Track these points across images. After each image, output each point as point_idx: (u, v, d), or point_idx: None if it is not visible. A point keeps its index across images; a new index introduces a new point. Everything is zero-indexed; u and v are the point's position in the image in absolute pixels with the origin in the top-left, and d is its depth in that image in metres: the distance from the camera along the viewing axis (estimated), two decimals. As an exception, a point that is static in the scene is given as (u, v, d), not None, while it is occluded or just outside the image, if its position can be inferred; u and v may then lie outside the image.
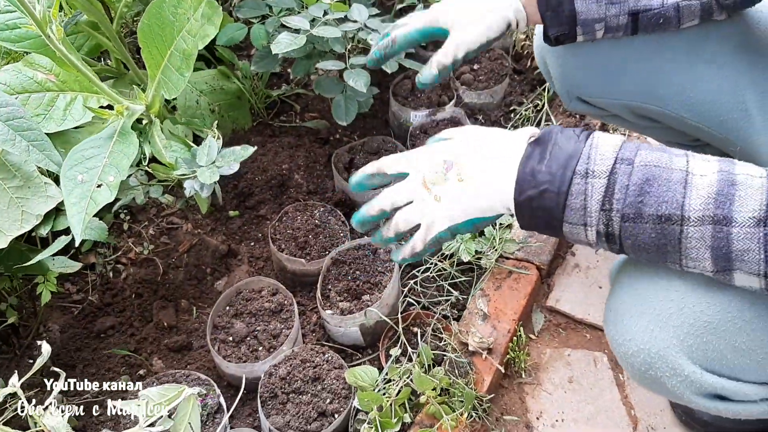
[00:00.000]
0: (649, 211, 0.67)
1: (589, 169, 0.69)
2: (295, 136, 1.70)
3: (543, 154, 0.72)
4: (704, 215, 0.65)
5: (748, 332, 0.71)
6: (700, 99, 0.99)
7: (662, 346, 0.73)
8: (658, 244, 0.68)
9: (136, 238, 1.52)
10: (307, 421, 1.14)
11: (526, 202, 0.72)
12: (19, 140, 1.03)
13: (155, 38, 1.22)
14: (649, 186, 0.67)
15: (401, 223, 0.81)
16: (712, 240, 0.65)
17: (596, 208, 0.68)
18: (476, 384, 1.20)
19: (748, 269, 0.65)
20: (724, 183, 0.65)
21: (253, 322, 1.29)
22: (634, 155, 0.69)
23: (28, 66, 1.21)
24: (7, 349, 1.32)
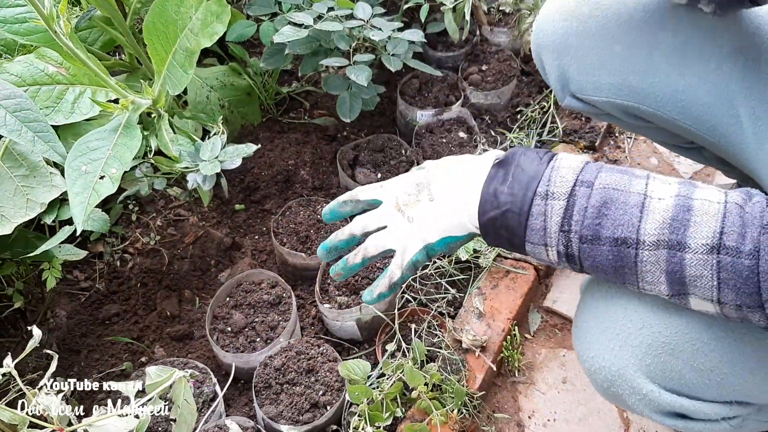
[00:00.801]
0: (606, 234, 0.67)
1: (549, 190, 0.70)
2: (303, 132, 1.72)
3: (506, 176, 0.74)
4: (659, 240, 0.65)
5: (706, 353, 0.72)
6: (693, 103, 0.99)
7: (622, 365, 0.74)
8: (615, 266, 0.68)
9: (144, 229, 1.56)
10: (299, 411, 1.16)
11: (490, 222, 0.73)
12: (25, 131, 1.06)
13: (160, 35, 1.25)
14: (607, 209, 0.68)
15: (371, 247, 0.81)
16: (667, 264, 0.65)
17: (555, 230, 0.70)
18: (468, 381, 1.21)
19: (702, 295, 0.65)
20: (679, 208, 0.65)
21: (252, 314, 1.31)
22: (594, 178, 0.70)
23: (40, 58, 1.24)
24: (14, 333, 1.36)
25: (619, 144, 1.68)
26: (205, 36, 1.41)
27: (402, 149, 1.60)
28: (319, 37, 1.44)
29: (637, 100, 1.05)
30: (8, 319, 1.36)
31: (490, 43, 1.83)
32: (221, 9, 1.44)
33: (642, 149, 1.67)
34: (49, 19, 1.04)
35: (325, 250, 0.86)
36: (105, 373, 1.32)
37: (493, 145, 1.64)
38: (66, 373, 1.31)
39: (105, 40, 1.55)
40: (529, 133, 1.64)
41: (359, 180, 1.53)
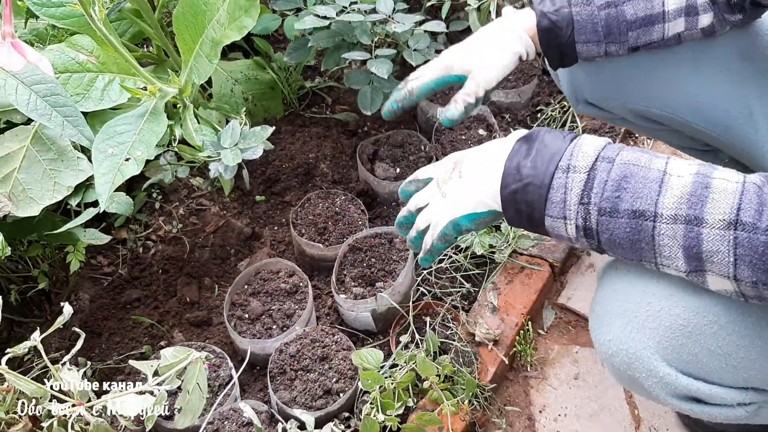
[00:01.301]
0: (624, 206, 0.68)
1: (570, 164, 0.71)
2: (325, 127, 1.74)
3: (529, 150, 0.75)
4: (677, 214, 0.66)
5: (723, 337, 0.72)
6: (706, 105, 1.00)
7: (639, 348, 0.75)
8: (632, 240, 0.69)
9: (167, 217, 1.59)
10: (312, 397, 1.19)
11: (511, 195, 0.75)
12: (55, 116, 1.10)
13: (189, 26, 1.28)
14: (627, 182, 0.69)
15: (420, 222, 0.87)
16: (684, 239, 0.66)
17: (575, 201, 0.71)
18: (480, 374, 1.23)
19: (719, 271, 0.66)
20: (698, 185, 0.66)
21: (269, 302, 1.34)
22: (615, 155, 0.71)
23: (71, 47, 1.28)
24: (39, 314, 1.40)
25: (639, 145, 1.68)
26: (233, 29, 1.44)
27: (421, 145, 1.61)
28: (341, 31, 1.46)
29: (650, 104, 1.05)
30: (33, 300, 1.40)
31: (513, 43, 1.84)
32: (250, 4, 1.48)
33: (662, 151, 1.66)
34: (85, 3, 1.07)
35: (397, 226, 0.93)
36: (125, 356, 1.35)
37: (512, 143, 1.64)
38: (88, 355, 1.35)
39: (134, 31, 1.58)
40: (548, 132, 1.64)
41: (378, 174, 1.55)
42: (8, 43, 0.84)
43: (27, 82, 1.09)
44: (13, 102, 1.08)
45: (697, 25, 0.93)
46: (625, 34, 0.94)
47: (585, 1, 0.93)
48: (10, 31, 0.85)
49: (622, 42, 0.95)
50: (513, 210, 0.76)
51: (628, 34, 0.94)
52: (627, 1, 0.93)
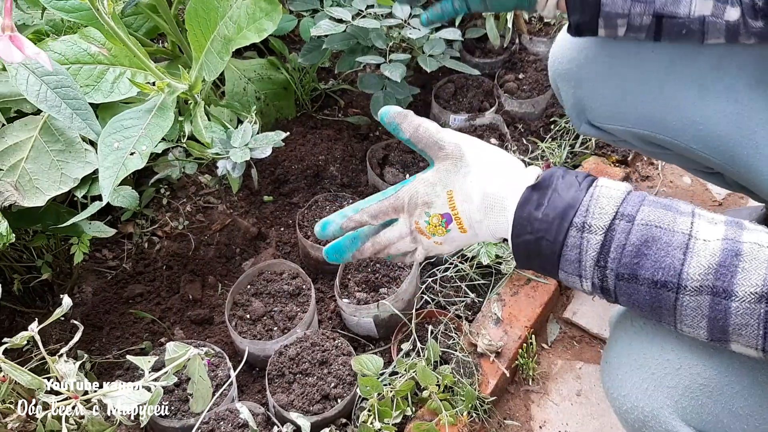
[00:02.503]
0: (645, 275, 0.64)
1: (586, 222, 0.66)
2: (336, 129, 1.74)
3: (541, 200, 0.68)
4: (702, 285, 0.62)
5: (746, 397, 0.69)
6: (711, 132, 0.98)
7: (656, 406, 0.71)
8: (652, 306, 0.65)
9: (174, 214, 1.59)
10: (310, 402, 1.17)
11: (522, 245, 0.70)
12: (64, 107, 1.09)
13: (200, 22, 1.28)
14: (647, 248, 0.64)
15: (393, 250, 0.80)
16: (710, 311, 0.62)
17: (591, 264, 0.66)
18: (480, 385, 1.21)
19: (745, 343, 0.62)
20: (727, 253, 0.61)
21: (271, 303, 1.33)
22: (635, 211, 0.66)
23: (83, 38, 1.28)
24: (41, 305, 1.40)
25: (653, 161, 1.66)
26: (252, 31, 1.44)
27: (432, 152, 1.60)
28: (356, 34, 1.46)
29: (654, 129, 1.03)
30: (35, 291, 1.40)
31: (529, 52, 1.83)
32: (272, 7, 1.48)
33: (676, 167, 1.64)
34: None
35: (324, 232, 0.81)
36: (125, 351, 1.34)
37: (524, 153, 1.63)
38: (87, 348, 1.34)
39: (149, 26, 1.58)
40: (561, 144, 1.63)
41: (387, 179, 1.54)
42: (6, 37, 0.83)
43: (38, 73, 1.09)
44: (24, 92, 1.07)
45: (724, 15, 0.89)
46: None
47: None
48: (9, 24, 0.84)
49: (649, 2, 0.90)
50: (524, 258, 0.71)
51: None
52: None
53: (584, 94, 1.09)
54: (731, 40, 0.92)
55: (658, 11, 0.91)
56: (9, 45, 0.81)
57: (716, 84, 0.97)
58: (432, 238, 0.77)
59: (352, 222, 0.79)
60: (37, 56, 0.83)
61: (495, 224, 0.72)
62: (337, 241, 0.81)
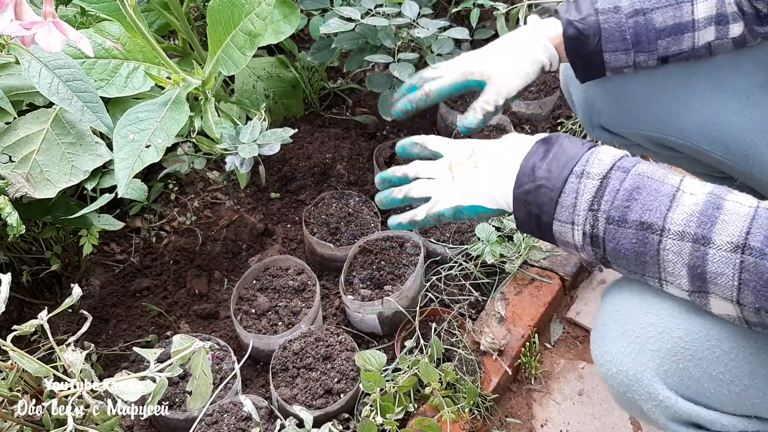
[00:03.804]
0: (633, 217, 0.68)
1: (585, 170, 0.71)
2: (344, 128, 1.75)
3: (546, 153, 0.74)
4: (685, 231, 0.65)
5: (726, 363, 0.71)
6: (724, 133, 0.98)
7: (639, 369, 0.73)
8: (637, 252, 0.68)
9: (182, 209, 1.60)
10: (313, 396, 1.18)
11: (523, 196, 0.74)
12: (75, 100, 1.11)
13: (223, 17, 1.29)
14: (638, 194, 0.68)
15: (415, 190, 0.85)
16: (690, 257, 0.65)
17: (585, 207, 0.70)
18: (483, 383, 1.22)
19: (722, 294, 0.65)
20: (709, 205, 0.65)
21: (276, 298, 1.34)
22: (631, 166, 0.71)
23: (99, 33, 1.29)
24: (50, 296, 1.42)
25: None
26: (270, 33, 1.46)
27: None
28: (365, 34, 1.47)
29: (666, 131, 1.04)
30: (44, 282, 1.41)
31: (537, 54, 1.83)
32: (291, 11, 1.51)
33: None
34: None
35: (380, 179, 0.91)
36: (131, 343, 1.35)
37: (530, 154, 1.64)
38: (95, 340, 1.36)
39: (161, 23, 1.60)
40: (567, 146, 1.64)
41: (394, 178, 1.55)
42: (49, 23, 0.85)
43: (50, 66, 1.10)
44: (36, 85, 1.09)
45: (728, 34, 0.92)
46: (654, 43, 0.93)
47: (612, 8, 0.92)
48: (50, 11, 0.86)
49: (651, 51, 0.93)
50: (523, 211, 0.75)
51: (657, 43, 0.93)
52: (656, 9, 0.91)
53: (596, 99, 1.10)
54: (739, 46, 0.93)
55: (662, 55, 0.94)
56: (49, 32, 0.83)
57: (728, 83, 0.98)
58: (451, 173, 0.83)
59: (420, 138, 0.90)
60: (79, 41, 0.84)
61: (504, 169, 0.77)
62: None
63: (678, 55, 0.94)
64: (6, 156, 1.14)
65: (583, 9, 0.94)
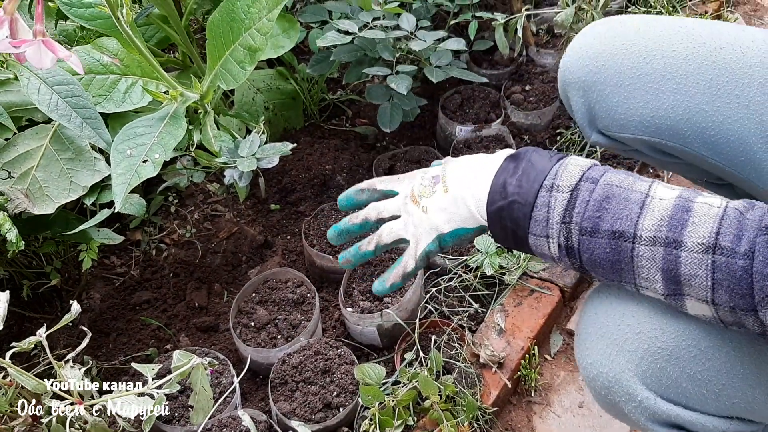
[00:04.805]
0: (605, 227, 0.69)
1: (555, 183, 0.72)
2: (343, 139, 1.75)
3: (516, 169, 0.75)
4: (656, 236, 0.66)
5: (704, 362, 0.71)
6: (722, 140, 0.98)
7: (618, 371, 0.74)
8: (612, 260, 0.69)
9: (181, 221, 1.60)
10: (312, 410, 1.18)
11: (496, 212, 0.75)
12: (74, 117, 1.11)
13: (223, 32, 1.30)
14: (608, 203, 0.69)
15: (385, 234, 0.84)
16: (663, 262, 0.66)
17: (558, 221, 0.71)
18: (482, 396, 1.21)
19: (697, 295, 0.65)
20: (679, 208, 0.66)
21: (276, 311, 1.34)
22: (599, 176, 0.72)
23: (97, 49, 1.30)
24: (50, 310, 1.42)
25: (659, 172, 1.66)
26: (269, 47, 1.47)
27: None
28: (364, 46, 1.47)
29: (665, 136, 1.04)
30: (44, 297, 1.42)
31: (536, 64, 1.84)
32: (290, 25, 1.52)
33: (681, 179, 1.64)
34: (114, 5, 1.09)
35: (336, 232, 0.88)
36: (131, 357, 1.36)
37: (529, 164, 1.64)
38: (95, 354, 1.36)
39: (160, 37, 1.61)
40: (567, 156, 1.64)
41: (393, 189, 1.55)
42: (39, 41, 0.86)
43: (49, 82, 1.11)
44: (35, 101, 1.10)
45: None
46: None
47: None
48: (41, 29, 0.87)
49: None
50: (498, 227, 0.76)
51: None
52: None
53: (595, 103, 1.10)
54: None
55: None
56: (40, 50, 0.84)
57: (726, 88, 0.98)
58: (420, 203, 0.81)
59: (363, 183, 0.87)
60: (68, 59, 0.85)
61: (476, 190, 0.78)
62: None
63: None
64: (5, 172, 1.15)
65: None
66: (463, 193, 0.79)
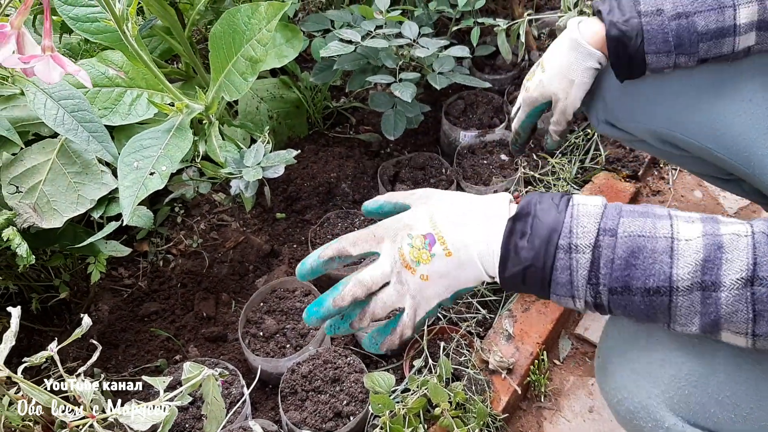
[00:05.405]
0: (636, 285, 0.66)
1: (572, 243, 0.67)
2: (348, 147, 1.76)
3: (524, 228, 0.70)
4: (693, 283, 0.64)
5: (732, 386, 0.70)
6: (726, 132, 0.99)
7: (644, 397, 0.73)
8: (648, 313, 0.67)
9: (188, 232, 1.61)
10: (323, 419, 1.18)
11: (511, 278, 0.70)
12: (81, 131, 1.12)
13: (225, 44, 1.30)
14: (635, 258, 0.66)
15: (379, 309, 0.75)
16: (702, 306, 0.64)
17: (583, 283, 0.67)
18: (492, 402, 1.21)
19: (736, 329, 0.64)
20: (710, 248, 0.64)
21: (284, 320, 1.34)
22: (616, 224, 0.67)
23: (101, 62, 1.31)
24: (59, 323, 1.42)
25: (663, 175, 1.66)
26: (272, 57, 1.47)
27: (443, 168, 1.61)
28: (367, 54, 1.48)
29: (673, 128, 1.04)
30: (53, 310, 1.42)
31: (538, 69, 1.84)
32: (293, 35, 1.53)
33: (686, 181, 1.64)
34: (120, 19, 1.09)
35: (320, 318, 0.76)
36: (140, 368, 1.36)
37: (534, 169, 1.64)
38: (104, 366, 1.36)
39: (164, 48, 1.61)
40: (571, 159, 1.64)
41: (398, 196, 1.55)
42: (48, 57, 0.86)
43: (55, 97, 1.12)
44: (42, 116, 1.10)
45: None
46: (695, 45, 0.93)
47: (655, 11, 0.94)
48: (49, 45, 0.87)
49: (692, 53, 0.94)
50: (515, 289, 0.72)
51: (698, 46, 0.93)
52: (698, 12, 0.92)
53: (606, 91, 1.11)
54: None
55: (703, 57, 0.95)
56: (48, 65, 0.84)
57: (732, 84, 0.98)
58: (417, 271, 0.72)
59: (331, 250, 0.75)
60: (77, 74, 0.86)
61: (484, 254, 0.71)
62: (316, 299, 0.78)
63: (717, 57, 0.95)
64: (13, 186, 1.16)
65: (626, 11, 0.95)
66: (470, 256, 0.72)
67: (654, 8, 0.94)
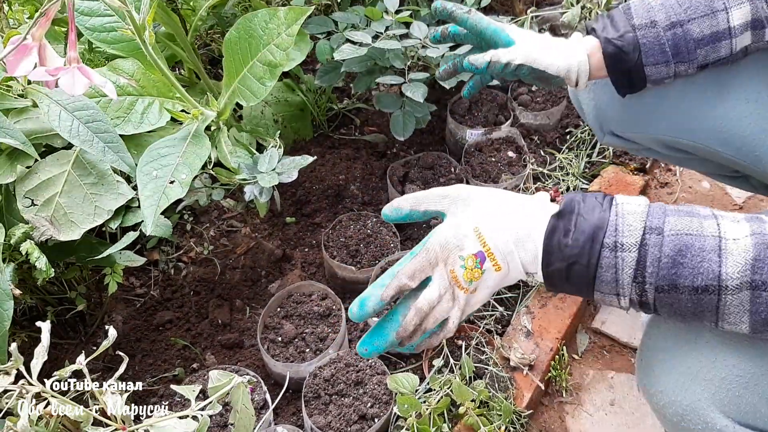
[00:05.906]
0: (684, 283, 0.66)
1: (617, 242, 0.67)
2: (354, 148, 1.75)
3: (568, 226, 0.70)
4: (742, 282, 0.64)
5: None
6: (734, 134, 1.00)
7: (693, 399, 0.73)
8: (695, 312, 0.67)
9: (198, 239, 1.60)
10: (347, 423, 1.18)
11: (554, 274, 0.71)
12: (96, 141, 1.11)
13: (240, 49, 1.30)
14: (682, 257, 0.66)
15: (431, 324, 0.74)
16: (751, 305, 0.64)
17: (628, 282, 0.67)
18: (515, 399, 1.22)
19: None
20: (760, 247, 0.64)
21: (302, 325, 1.34)
22: (662, 222, 0.67)
23: (112, 71, 1.30)
24: (74, 335, 1.41)
25: (670, 167, 1.68)
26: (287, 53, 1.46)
27: (451, 167, 1.61)
28: (374, 55, 1.47)
29: (679, 134, 1.05)
30: (68, 322, 1.41)
31: (541, 65, 1.84)
32: (300, 38, 1.52)
33: (694, 173, 1.66)
34: (140, 29, 1.09)
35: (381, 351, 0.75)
36: (158, 378, 1.35)
37: (542, 165, 1.65)
38: (122, 376, 1.34)
39: (167, 55, 1.60)
40: (578, 154, 1.65)
41: (409, 196, 1.55)
42: (74, 68, 0.85)
43: (69, 108, 1.11)
44: (56, 128, 1.09)
45: (764, 37, 0.93)
46: (693, 53, 0.93)
47: (649, 23, 0.94)
48: (75, 56, 0.86)
49: (691, 60, 0.94)
50: (557, 285, 0.72)
51: (696, 53, 0.93)
52: (692, 20, 0.92)
53: (606, 105, 1.11)
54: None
55: (702, 63, 0.95)
56: (73, 77, 0.83)
57: (734, 85, 0.99)
58: (469, 289, 0.73)
59: (392, 289, 0.72)
60: (103, 86, 0.85)
61: (525, 253, 0.72)
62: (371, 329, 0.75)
63: (716, 61, 0.95)
64: (29, 200, 1.14)
65: (620, 26, 0.95)
66: (515, 262, 0.72)
67: (647, 20, 0.94)
